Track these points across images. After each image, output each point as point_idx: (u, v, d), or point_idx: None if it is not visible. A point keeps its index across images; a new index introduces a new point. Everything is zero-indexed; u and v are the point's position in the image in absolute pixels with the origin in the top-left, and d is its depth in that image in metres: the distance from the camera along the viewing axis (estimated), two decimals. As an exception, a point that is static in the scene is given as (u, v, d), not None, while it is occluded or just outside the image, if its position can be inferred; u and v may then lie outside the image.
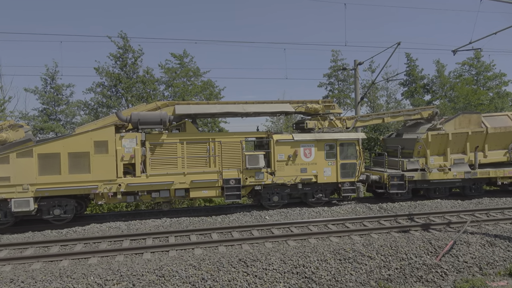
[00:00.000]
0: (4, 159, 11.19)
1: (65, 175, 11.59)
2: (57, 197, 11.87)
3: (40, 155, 11.44)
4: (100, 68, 23.41)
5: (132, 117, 12.33)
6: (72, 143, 11.68)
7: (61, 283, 7.69)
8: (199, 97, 23.94)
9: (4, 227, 11.74)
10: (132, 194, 12.53)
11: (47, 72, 24.19)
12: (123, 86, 23.35)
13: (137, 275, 7.95)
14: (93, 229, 11.82)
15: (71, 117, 25.29)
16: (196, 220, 12.60)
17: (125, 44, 23.49)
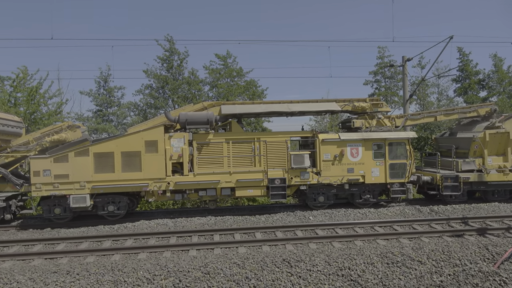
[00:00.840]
0: (64, 158, 11.93)
1: (118, 173, 12.15)
2: (111, 194, 12.46)
3: (96, 154, 12.08)
4: (148, 70, 24.32)
5: (180, 117, 12.66)
6: (125, 143, 12.21)
7: (113, 276, 8.00)
8: (242, 97, 24.15)
9: (63, 221, 12.51)
10: (180, 192, 12.87)
11: (101, 75, 25.56)
12: (170, 87, 24.08)
13: (183, 271, 8.12)
14: (142, 225, 12.25)
15: (122, 118, 26.51)
16: (240, 219, 12.68)
17: (171, 46, 24.21)
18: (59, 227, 12.25)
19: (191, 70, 24.48)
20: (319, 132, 13.65)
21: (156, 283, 7.83)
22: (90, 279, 7.93)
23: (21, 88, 20.90)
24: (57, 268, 8.42)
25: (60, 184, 11.91)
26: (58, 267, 8.52)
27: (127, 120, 26.86)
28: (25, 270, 8.33)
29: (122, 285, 7.78)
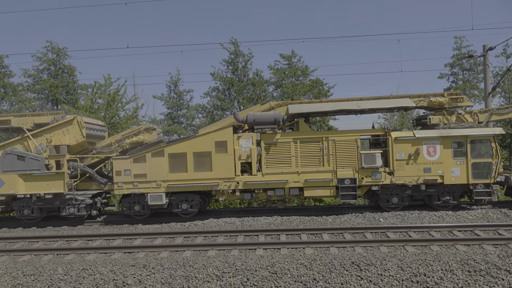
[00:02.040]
0: (142, 158, 12.73)
1: (190, 173, 12.67)
2: (184, 193, 13.02)
3: (170, 155, 12.71)
4: (215, 73, 25.07)
5: (248, 118, 12.84)
6: (196, 144, 12.69)
7: (185, 271, 8.25)
8: (307, 96, 23.88)
9: (142, 218, 13.35)
10: (249, 192, 13.05)
11: (171, 79, 26.87)
12: (235, 89, 24.59)
13: (251, 270, 8.15)
14: (211, 223, 12.59)
15: (191, 120, 27.64)
16: (307, 220, 12.51)
17: (235, 49, 24.71)
18: (136, 223, 13.05)
19: (255, 71, 24.77)
20: (392, 130, 12.99)
21: (225, 280, 7.95)
22: (164, 273, 8.27)
23: (101, 95, 22.74)
24: (134, 261, 8.91)
25: (139, 183, 12.73)
26: (135, 260, 9.01)
27: (196, 122, 27.95)
28: (107, 263, 8.94)
29: (193, 280, 8.00)
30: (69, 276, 8.42)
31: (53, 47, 26.18)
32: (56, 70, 26.44)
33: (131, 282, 8.11)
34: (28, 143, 13.14)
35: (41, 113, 13.82)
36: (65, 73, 26.61)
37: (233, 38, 24.36)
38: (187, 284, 7.92)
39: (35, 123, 13.45)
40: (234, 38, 25.24)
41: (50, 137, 13.06)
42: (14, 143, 13.23)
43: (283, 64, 24.90)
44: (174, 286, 7.92)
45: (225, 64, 24.92)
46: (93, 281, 8.25)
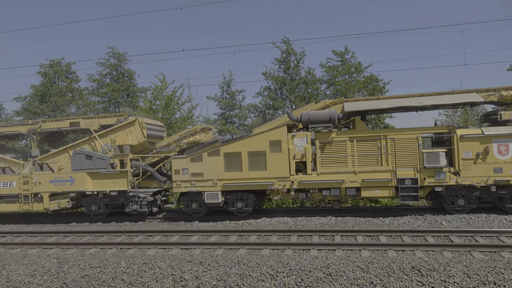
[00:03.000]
0: (198, 158, 13.08)
1: (245, 172, 12.79)
2: (239, 192, 13.19)
3: (226, 154, 12.93)
4: (267, 72, 25.14)
5: (302, 116, 12.71)
6: (251, 143, 12.79)
7: (239, 269, 8.32)
8: (361, 93, 23.18)
9: (199, 216, 13.73)
10: (303, 191, 12.91)
11: (224, 80, 27.39)
12: (287, 88, 24.47)
13: (305, 271, 8.03)
14: (264, 222, 12.60)
15: (243, 119, 27.98)
16: (362, 221, 12.13)
17: (287, 48, 24.59)
18: (192, 221, 13.42)
19: (307, 70, 24.50)
20: (457, 127, 12.19)
21: (279, 279, 7.90)
22: (219, 270, 8.39)
23: (159, 97, 23.73)
24: (191, 258, 9.15)
25: (196, 181, 13.09)
26: (192, 257, 9.25)
27: (248, 122, 28.25)
28: (166, 258, 9.26)
29: (248, 278, 8.03)
30: (131, 269, 8.85)
31: (114, 53, 27.78)
32: (117, 74, 28.02)
33: (188, 277, 8.33)
34: (95, 143, 14.07)
35: (106, 115, 14.73)
36: (125, 77, 28.12)
37: (285, 37, 24.28)
38: (241, 282, 7.98)
39: (101, 124, 14.37)
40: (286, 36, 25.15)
41: (114, 137, 13.88)
42: (83, 144, 14.24)
43: (336, 61, 24.39)
44: (229, 283, 8.01)
45: (277, 63, 24.90)
46: (153, 275, 8.58)
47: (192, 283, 8.21)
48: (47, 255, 10.15)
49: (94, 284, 8.61)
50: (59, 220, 14.90)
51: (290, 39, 24.40)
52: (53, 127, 14.87)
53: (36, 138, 14.92)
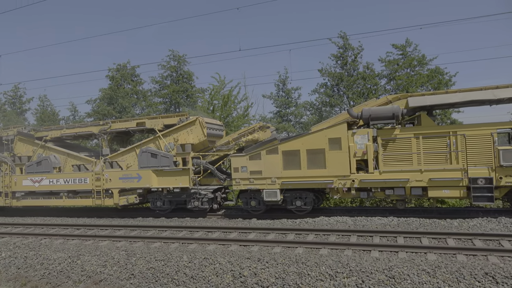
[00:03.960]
0: (257, 156, 13.18)
1: (304, 170, 12.65)
2: (298, 190, 13.07)
3: (284, 152, 12.88)
4: (323, 69, 24.71)
5: (363, 113, 12.29)
6: (309, 141, 12.61)
7: (297, 268, 8.26)
8: (425, 87, 21.94)
9: (258, 213, 13.83)
10: (365, 190, 12.48)
11: (279, 78, 27.39)
12: (344, 84, 23.88)
13: (366, 272, 7.79)
14: (322, 221, 12.37)
15: (299, 117, 27.78)
16: (427, 222, 11.45)
17: (344, 43, 23.97)
18: (249, 218, 13.56)
19: (366, 64, 23.72)
20: (539, 122, 11.06)
21: (339, 280, 7.74)
22: (278, 268, 8.40)
23: (217, 97, 24.30)
24: (249, 254, 9.25)
25: (255, 179, 13.20)
26: (250, 254, 9.34)
27: (304, 119, 27.99)
28: (225, 254, 9.44)
29: (306, 277, 7.96)
30: (193, 264, 9.16)
31: (174, 55, 28.92)
32: (177, 76, 29.15)
33: (247, 274, 8.44)
34: (159, 142, 14.75)
35: (170, 115, 15.35)
36: (184, 78, 29.17)
37: (342, 32, 23.68)
38: (300, 281, 7.94)
39: (164, 124, 15.02)
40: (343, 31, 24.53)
41: (177, 136, 14.44)
42: (148, 143, 14.99)
43: (396, 54, 23.34)
44: (287, 281, 8.00)
45: (333, 59, 24.40)
46: (214, 270, 8.81)
47: (250, 279, 8.31)
48: (116, 247, 10.83)
49: (159, 276, 9.04)
50: (126, 215, 15.83)
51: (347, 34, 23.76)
52: (121, 127, 15.82)
53: (106, 137, 15.97)
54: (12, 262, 10.70)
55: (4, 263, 10.72)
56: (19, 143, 17.26)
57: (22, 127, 17.80)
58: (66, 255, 10.50)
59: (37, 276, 9.98)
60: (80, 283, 9.46)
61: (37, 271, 10.16)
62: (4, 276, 10.26)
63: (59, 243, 11.79)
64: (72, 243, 11.73)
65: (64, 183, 15.66)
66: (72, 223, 14.46)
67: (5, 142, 17.44)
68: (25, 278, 9.95)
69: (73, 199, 15.89)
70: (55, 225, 14.46)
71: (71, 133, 16.58)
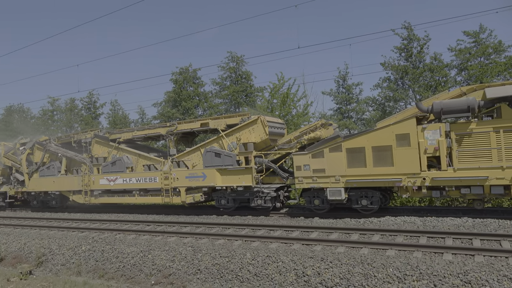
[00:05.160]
0: (320, 154, 12.93)
1: (370, 168, 12.16)
2: (363, 189, 12.61)
3: (348, 149, 12.49)
4: (386, 62, 23.66)
5: (434, 106, 11.51)
6: (375, 137, 12.09)
7: (363, 269, 8.02)
8: (503, 77, 20.07)
9: (321, 212, 13.58)
10: (437, 189, 11.67)
11: (339, 74, 26.71)
12: (410, 77, 22.66)
13: (438, 276, 7.34)
14: (387, 221, 11.85)
15: (361, 114, 26.89)
16: (508, 224, 10.47)
17: (409, 34, 22.73)
18: (311, 217, 13.36)
19: (433, 55, 22.28)
20: None
21: (408, 283, 7.38)
22: (342, 268, 8.21)
23: (276, 95, 24.32)
24: (312, 254, 9.11)
25: (318, 177, 12.97)
26: (313, 253, 9.20)
27: (366, 116, 27.05)
28: (288, 252, 9.38)
29: (372, 279, 7.71)
30: (256, 261, 9.25)
31: (233, 56, 29.46)
32: (236, 76, 29.68)
33: (310, 273, 8.35)
34: (222, 142, 15.09)
35: (232, 115, 15.65)
36: (243, 78, 29.61)
37: (406, 22, 22.49)
38: (366, 282, 7.72)
39: (227, 124, 15.33)
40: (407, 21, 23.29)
41: (239, 136, 14.67)
42: (212, 142, 15.41)
43: (468, 43, 21.62)
44: (353, 282, 7.81)
45: (397, 52, 23.27)
46: (276, 268, 8.82)
47: (314, 279, 8.22)
48: (183, 243, 11.23)
49: (224, 273, 9.25)
50: (191, 212, 16.44)
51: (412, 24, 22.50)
52: (186, 128, 16.43)
53: (173, 138, 16.70)
54: (91, 255, 11.57)
55: (84, 256, 11.63)
56: (95, 145, 18.68)
57: (98, 130, 19.25)
58: (138, 249, 11.12)
59: (113, 269, 10.70)
60: (151, 276, 9.98)
61: (113, 264, 10.89)
62: (84, 267, 11.14)
63: (131, 238, 12.54)
64: (143, 238, 12.40)
65: (136, 182, 16.67)
66: (143, 220, 15.33)
67: (84, 145, 18.97)
68: (102, 270, 10.73)
69: (144, 197, 16.85)
70: (128, 221, 15.42)
71: (141, 134, 17.59)
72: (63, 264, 11.62)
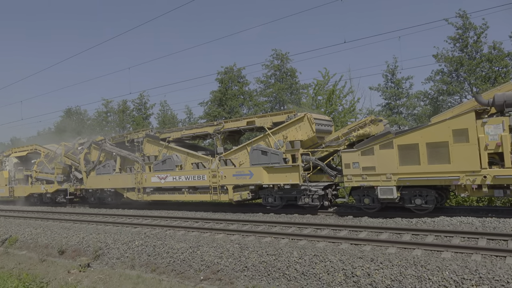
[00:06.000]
0: (370, 151, 12.49)
1: (424, 166, 11.54)
2: (417, 187, 12.03)
3: (400, 146, 11.94)
4: (438, 54, 22.47)
5: (495, 99, 10.69)
6: (429, 133, 11.45)
7: (416, 271, 7.67)
8: None
9: (372, 211, 13.12)
10: (501, 188, 10.84)
11: (388, 68, 25.76)
12: (465, 69, 21.36)
13: (500, 281, 6.86)
14: (442, 221, 11.22)
15: (411, 109, 25.76)
16: None
17: (464, 23, 21.40)
18: (360, 216, 12.99)
19: (492, 44, 20.82)
20: None
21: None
22: (393, 270, 7.91)
23: (321, 92, 23.93)
24: (361, 254, 8.85)
25: (368, 175, 12.54)
26: (362, 253, 8.94)
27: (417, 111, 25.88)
28: (335, 252, 9.18)
29: (427, 282, 7.36)
30: (303, 260, 9.12)
31: (278, 54, 29.37)
32: (281, 74, 29.57)
33: (360, 274, 8.14)
34: (268, 140, 15.06)
35: (278, 113, 15.56)
36: (288, 75, 29.44)
37: (461, 10, 21.19)
38: (419, 285, 7.39)
39: (273, 122, 15.27)
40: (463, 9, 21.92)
41: (286, 133, 14.55)
42: (258, 141, 15.43)
43: (534, 29, 19.95)
44: (405, 284, 7.52)
45: (451, 42, 22.09)
46: (324, 268, 8.66)
47: (364, 280, 8.01)
48: (230, 240, 11.35)
49: (271, 271, 9.21)
50: (237, 210, 16.58)
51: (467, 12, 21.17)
52: (233, 126, 16.59)
53: (220, 137, 16.94)
54: (144, 249, 12.02)
55: (137, 250, 12.11)
56: (147, 144, 19.41)
57: (149, 130, 20.00)
58: (188, 245, 11.38)
59: (164, 263, 11.04)
60: (200, 272, 10.18)
61: (164, 258, 11.24)
62: (138, 261, 11.59)
63: (181, 234, 12.87)
64: (192, 234, 12.69)
65: (185, 179, 17.11)
66: (191, 217, 15.70)
67: (136, 144, 19.79)
68: (154, 265, 11.10)
69: (193, 194, 17.26)
70: (177, 217, 15.87)
71: (190, 133, 18.02)
72: (118, 258, 12.18)
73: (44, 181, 24.71)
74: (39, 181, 24.99)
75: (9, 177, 27.12)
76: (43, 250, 14.27)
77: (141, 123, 36.21)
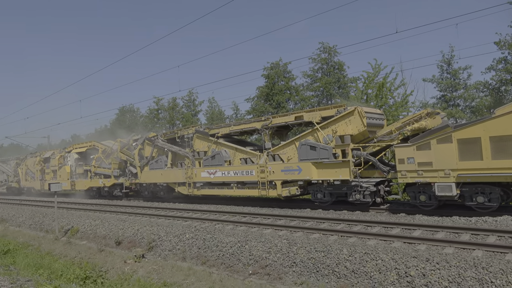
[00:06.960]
0: (426, 145, 11.83)
1: (487, 161, 10.71)
2: (479, 184, 11.23)
3: (459, 140, 11.19)
4: (501, 41, 20.76)
5: None
6: (494, 126, 10.60)
7: (476, 273, 7.29)
8: None
9: (428, 209, 12.42)
10: None
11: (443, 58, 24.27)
12: (533, 55, 19.55)
13: None
14: (506, 221, 10.42)
15: (469, 101, 24.12)
16: None
17: (532, 5, 19.54)
18: (414, 214, 12.43)
19: None
20: None
21: None
22: (451, 271, 7.55)
23: (371, 85, 23.06)
24: (416, 253, 8.49)
25: (424, 171, 11.89)
26: (417, 252, 8.58)
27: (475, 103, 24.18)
28: (387, 250, 8.85)
29: (489, 285, 6.98)
30: (353, 258, 8.91)
31: (325, 47, 28.75)
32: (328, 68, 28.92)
33: (414, 274, 7.86)
34: (317, 134, 14.77)
35: (326, 107, 15.22)
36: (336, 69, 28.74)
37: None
38: None
39: (322, 116, 14.95)
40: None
41: (335, 128, 14.18)
42: (307, 135, 15.19)
43: None
44: (464, 287, 7.14)
45: (516, 27, 20.20)
46: (376, 266, 8.44)
47: (418, 280, 7.72)
48: (278, 236, 11.29)
49: (320, 267, 9.07)
50: (285, 205, 16.46)
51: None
52: (281, 121, 16.48)
53: (268, 132, 16.90)
54: (194, 243, 12.31)
55: (188, 243, 12.43)
56: (197, 140, 19.87)
57: (198, 126, 20.46)
58: (236, 239, 11.49)
59: (213, 257, 11.25)
60: (248, 266, 10.25)
61: (213, 252, 11.45)
62: (188, 254, 11.91)
63: (229, 228, 13.02)
64: (240, 229, 12.78)
65: (234, 175, 17.31)
66: (240, 211, 15.84)
67: (186, 140, 20.33)
68: (204, 257, 11.35)
69: (241, 189, 17.41)
70: (226, 212, 16.09)
71: (238, 129, 18.18)
72: (170, 250, 12.59)
73: (101, 175, 26.19)
74: (97, 175, 26.52)
75: (70, 171, 29.09)
76: (101, 240, 15.13)
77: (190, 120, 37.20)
